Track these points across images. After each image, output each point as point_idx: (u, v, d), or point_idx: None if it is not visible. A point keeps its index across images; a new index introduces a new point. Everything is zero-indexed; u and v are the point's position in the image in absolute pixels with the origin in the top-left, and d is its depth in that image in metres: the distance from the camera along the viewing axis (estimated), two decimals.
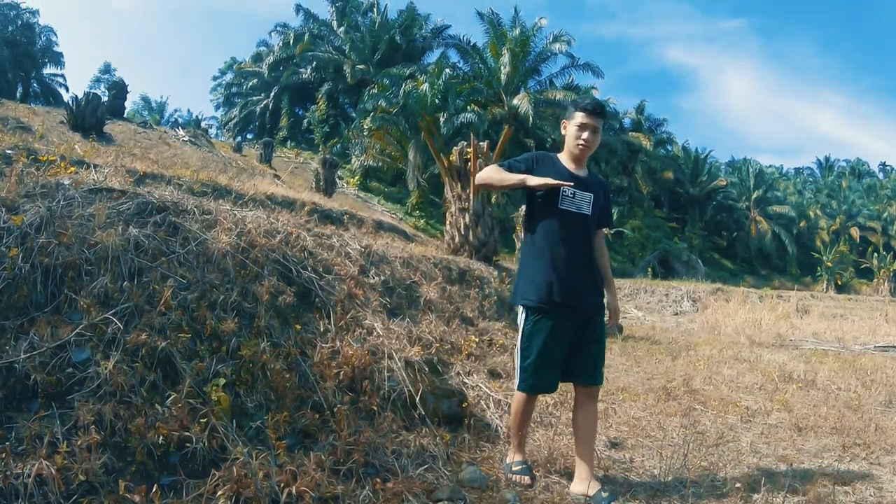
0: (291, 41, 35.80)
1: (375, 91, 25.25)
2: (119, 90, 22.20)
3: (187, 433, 1.91)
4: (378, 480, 2.16)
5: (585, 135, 2.53)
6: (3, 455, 1.52)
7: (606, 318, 2.66)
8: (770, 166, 54.01)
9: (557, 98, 26.13)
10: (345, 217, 12.86)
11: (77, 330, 2.06)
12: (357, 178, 28.58)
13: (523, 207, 14.33)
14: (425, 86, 22.74)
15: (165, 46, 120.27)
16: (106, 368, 1.96)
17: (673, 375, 5.43)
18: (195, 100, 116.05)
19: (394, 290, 4.50)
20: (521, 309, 2.56)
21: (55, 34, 37.62)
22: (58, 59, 35.70)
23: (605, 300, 2.65)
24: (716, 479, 2.79)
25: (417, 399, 2.97)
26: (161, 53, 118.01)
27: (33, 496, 1.43)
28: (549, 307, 2.47)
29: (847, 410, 4.37)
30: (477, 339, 4.88)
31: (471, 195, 9.04)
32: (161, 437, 1.84)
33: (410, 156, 23.33)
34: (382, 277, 4.49)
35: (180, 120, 54.76)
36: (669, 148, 35.72)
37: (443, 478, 2.39)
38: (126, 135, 17.09)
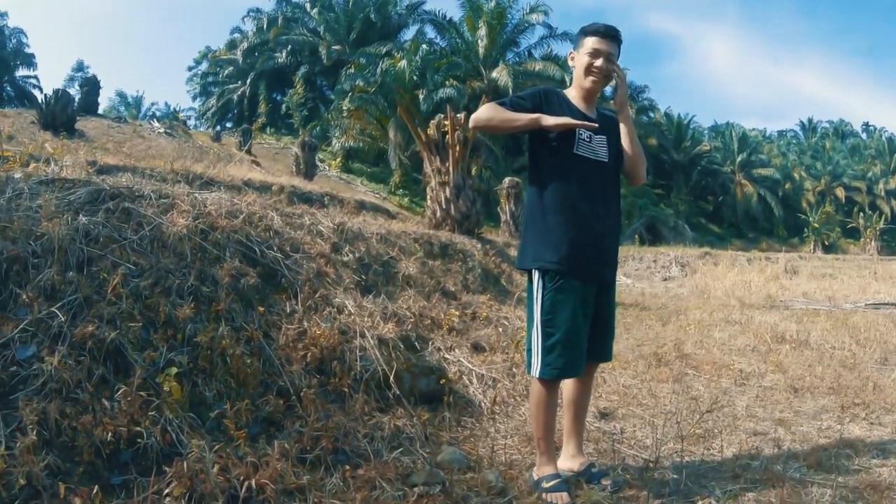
0: (265, 26, 35.62)
1: (352, 71, 25.14)
2: (91, 87, 21.84)
3: (138, 428, 1.83)
4: (348, 467, 2.08)
5: (599, 61, 2.18)
6: None
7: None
8: (753, 129, 54.43)
9: (537, 69, 26.35)
10: (325, 198, 12.74)
11: (21, 326, 1.96)
12: (339, 159, 28.46)
13: (507, 180, 14.19)
14: (403, 63, 22.59)
15: (138, 41, 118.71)
16: (51, 364, 1.86)
17: (664, 341, 5.45)
18: (172, 92, 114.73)
19: (369, 267, 4.44)
20: (536, 275, 2.16)
21: (25, 35, 36.78)
22: (29, 61, 35.02)
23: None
24: (711, 447, 2.72)
25: (391, 378, 2.91)
26: (134, 48, 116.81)
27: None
28: (573, 268, 2.13)
29: (843, 369, 4.32)
30: (459, 314, 4.83)
31: (450, 168, 9.01)
32: (110, 434, 1.76)
33: (391, 134, 23.33)
34: (357, 255, 4.44)
35: (157, 113, 53.90)
36: (651, 115, 36.25)
37: (420, 460, 2.33)
38: (99, 130, 16.79)
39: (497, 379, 3.59)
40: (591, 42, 2.22)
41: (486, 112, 2.18)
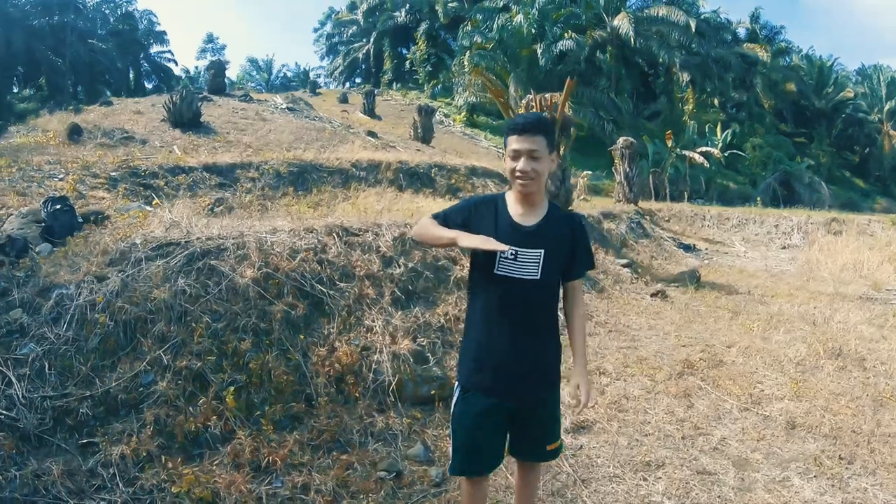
0: None
1: (469, 28, 26.48)
2: (217, 69, 25.82)
3: (209, 422, 3.61)
4: (336, 453, 3.68)
5: (521, 164, 2.26)
6: (104, 443, 3.28)
7: (569, 401, 2.41)
8: None
9: (661, 14, 26.30)
10: (433, 171, 14.42)
11: (144, 363, 3.84)
12: (463, 114, 30.39)
13: (621, 140, 14.80)
14: (519, 17, 23.31)
15: (264, 5, 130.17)
16: (162, 387, 3.70)
17: (712, 342, 5.99)
18: (301, 53, 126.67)
19: (420, 275, 5.88)
20: (456, 382, 2.47)
21: (155, 15, 44.13)
22: (161, 38, 42.14)
23: (573, 380, 2.48)
24: (648, 478, 3.33)
25: (393, 386, 4.43)
26: (261, 13, 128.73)
27: (119, 465, 3.17)
28: (477, 386, 2.37)
29: (871, 407, 4.33)
30: None
31: None
32: (193, 427, 3.55)
33: (511, 89, 24.45)
34: (411, 264, 5.90)
35: (289, 74, 60.25)
36: (789, 59, 34.80)
37: (394, 452, 3.77)
38: (224, 118, 20.03)
39: None
40: (510, 142, 2.30)
41: (419, 228, 2.39)
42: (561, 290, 2.50)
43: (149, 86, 41.82)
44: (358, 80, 45.02)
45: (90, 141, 13.45)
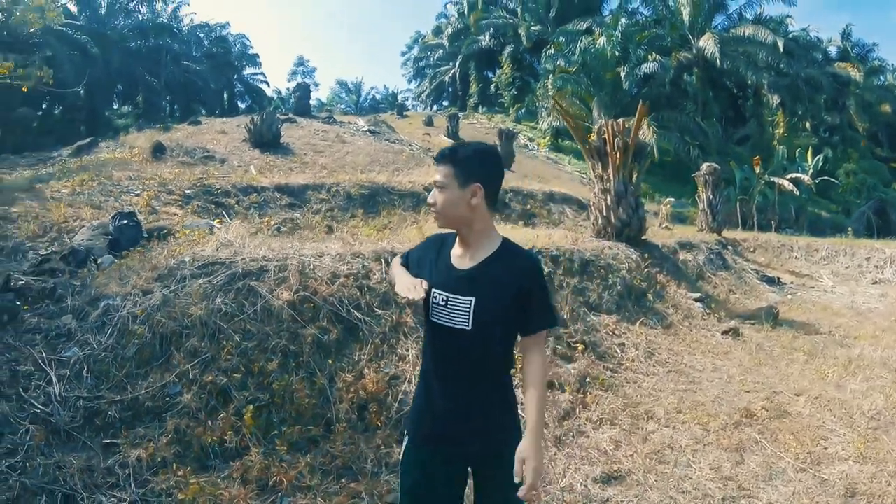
0: (466, 10, 40.30)
1: (552, 52, 27.16)
2: (303, 92, 27.98)
3: (226, 437, 3.93)
4: (345, 480, 3.89)
5: (431, 195, 2.29)
6: (125, 445, 3.67)
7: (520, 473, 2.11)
8: None
9: (747, 34, 26.10)
10: (507, 196, 14.62)
11: (174, 375, 4.23)
12: (547, 139, 30.85)
13: (705, 165, 14.52)
14: (602, 39, 23.69)
15: (353, 29, 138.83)
16: (186, 398, 4.06)
17: (779, 389, 5.82)
18: (389, 75, 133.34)
19: None
20: None
21: (248, 39, 48.12)
22: (254, 61, 45.79)
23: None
24: None
25: None
26: (350, 37, 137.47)
27: (135, 467, 3.53)
28: (414, 440, 2.36)
29: None
30: (554, 345, 6.11)
31: (611, 174, 10.27)
32: (210, 439, 3.88)
33: (595, 113, 24.71)
34: None
35: (378, 97, 63.29)
36: (883, 78, 33.18)
37: None
38: (304, 139, 21.19)
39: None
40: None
41: (391, 268, 2.50)
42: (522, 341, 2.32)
43: (242, 106, 45.04)
44: (445, 104, 47.07)
45: (172, 158, 14.65)
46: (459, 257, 2.29)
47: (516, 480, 2.08)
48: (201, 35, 43.08)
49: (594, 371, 5.98)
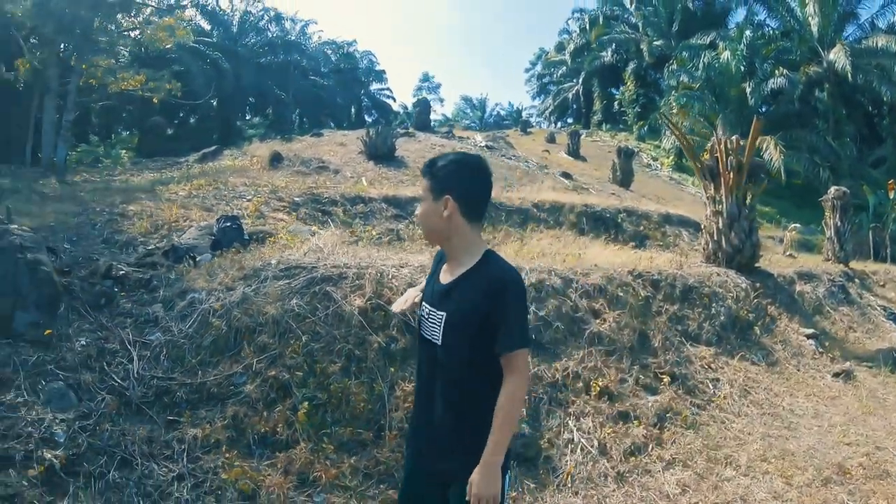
0: (587, 26, 40.45)
1: (675, 67, 26.58)
2: (423, 107, 29.58)
3: (278, 429, 4.30)
4: (384, 486, 4.10)
5: (417, 208, 2.42)
6: (185, 424, 4.13)
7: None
8: None
9: (880, 45, 23.71)
10: (620, 216, 14.41)
11: (241, 366, 4.69)
12: (671, 158, 30.07)
13: (832, 189, 13.67)
14: (726, 54, 22.98)
15: (478, 45, 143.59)
16: (249, 389, 4.50)
17: (884, 444, 5.48)
18: (513, 92, 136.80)
19: (551, 326, 6.16)
20: None
21: (374, 56, 51.19)
22: (380, 76, 48.78)
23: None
24: None
25: None
26: (474, 53, 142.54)
27: (190, 443, 3.98)
28: (408, 456, 2.69)
29: None
30: (637, 375, 6.02)
31: (723, 196, 9.87)
32: (263, 429, 4.27)
33: (719, 131, 23.91)
34: (542, 313, 6.22)
35: (502, 113, 64.61)
36: None
37: None
38: (419, 153, 22.00)
39: (602, 454, 4.88)
40: None
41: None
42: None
43: (369, 119, 47.61)
44: (570, 121, 47.41)
45: (288, 168, 15.78)
46: (445, 272, 2.39)
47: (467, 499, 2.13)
48: (329, 51, 46.38)
49: (678, 406, 5.84)
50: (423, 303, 2.40)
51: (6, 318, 4.36)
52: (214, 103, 25.05)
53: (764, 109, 26.94)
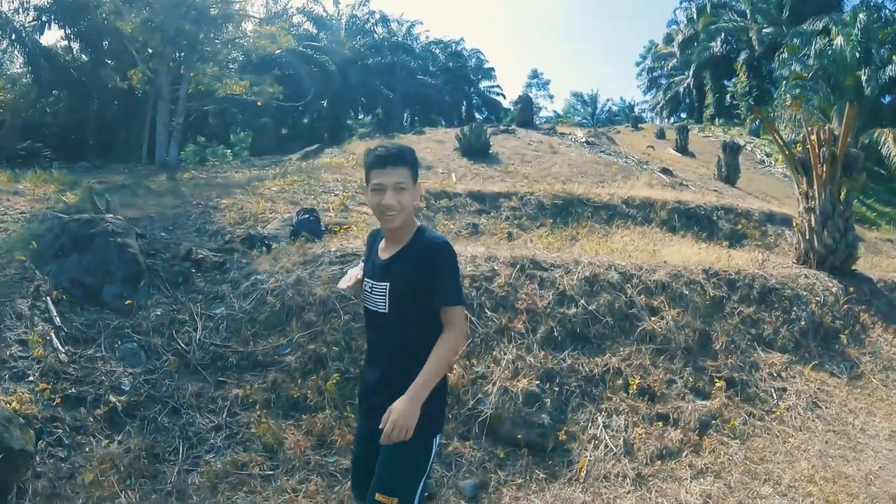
0: (695, 15, 38.73)
1: (786, 55, 25.07)
2: (524, 104, 29.83)
3: (308, 395, 4.90)
4: None
5: (386, 198, 2.49)
6: (231, 385, 4.81)
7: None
8: None
9: None
10: (716, 214, 13.89)
11: (287, 339, 5.35)
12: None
13: None
14: (839, 39, 21.41)
15: (588, 40, 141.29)
16: (290, 359, 5.15)
17: None
18: (625, 87, 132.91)
19: (600, 321, 6.17)
20: None
21: (482, 54, 51.82)
22: (489, 74, 49.36)
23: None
24: None
25: (488, 420, 4.95)
26: (584, 48, 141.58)
27: (232, 400, 4.67)
28: (358, 417, 3.10)
29: None
30: (688, 377, 5.85)
31: (816, 191, 9.12)
32: (296, 395, 4.89)
33: (835, 123, 22.31)
34: (592, 307, 6.27)
35: (614, 108, 63.51)
36: None
37: (446, 477, 4.37)
38: (514, 149, 22.30)
39: (627, 454, 4.84)
40: (373, 175, 2.55)
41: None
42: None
43: (479, 117, 48.16)
44: (683, 115, 45.69)
45: None
46: (383, 248, 2.65)
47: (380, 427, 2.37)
48: (437, 51, 47.41)
49: (728, 413, 5.55)
50: (366, 278, 2.68)
51: (96, 290, 5.26)
52: (325, 104, 26.47)
53: (888, 100, 24.91)
